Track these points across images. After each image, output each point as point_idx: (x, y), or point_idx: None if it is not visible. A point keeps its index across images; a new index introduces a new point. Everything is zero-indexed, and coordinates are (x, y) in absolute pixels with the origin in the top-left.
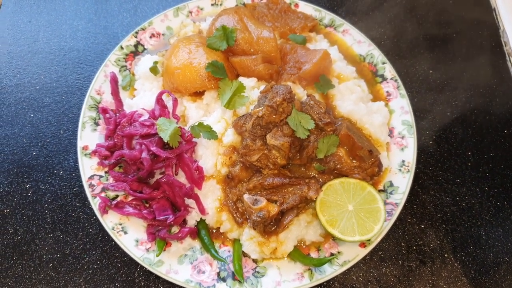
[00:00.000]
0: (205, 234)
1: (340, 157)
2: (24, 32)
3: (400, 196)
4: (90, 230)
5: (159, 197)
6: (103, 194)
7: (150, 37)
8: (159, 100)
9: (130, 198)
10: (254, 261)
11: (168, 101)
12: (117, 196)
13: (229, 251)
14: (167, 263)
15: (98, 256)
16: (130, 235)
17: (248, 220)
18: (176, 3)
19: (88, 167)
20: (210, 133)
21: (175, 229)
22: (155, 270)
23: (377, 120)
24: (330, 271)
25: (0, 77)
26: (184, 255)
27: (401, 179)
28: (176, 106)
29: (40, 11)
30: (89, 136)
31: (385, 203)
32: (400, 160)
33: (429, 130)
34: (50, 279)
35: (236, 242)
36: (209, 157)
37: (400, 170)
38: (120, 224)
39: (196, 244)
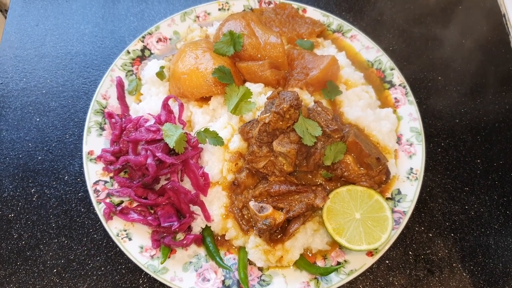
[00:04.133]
0: (210, 241)
1: (347, 164)
2: (31, 35)
3: (408, 204)
4: (95, 236)
5: (164, 203)
6: (108, 200)
7: (157, 41)
8: (165, 105)
9: (135, 204)
10: (260, 269)
11: (174, 106)
12: (122, 202)
13: (234, 259)
14: (171, 271)
15: (103, 262)
16: (134, 241)
17: (254, 228)
18: (183, 8)
19: (93, 172)
20: (216, 139)
21: (180, 236)
22: (159, 277)
23: (385, 127)
24: (336, 280)
25: (7, 80)
26: (189, 262)
27: (409, 187)
28: (182, 111)
29: (47, 15)
30: (95, 141)
31: (393, 211)
32: (408, 168)
33: (437, 137)
34: (54, 285)
35: (242, 249)
36: (215, 163)
37: (408, 177)
38: (125, 231)
39: (201, 251)
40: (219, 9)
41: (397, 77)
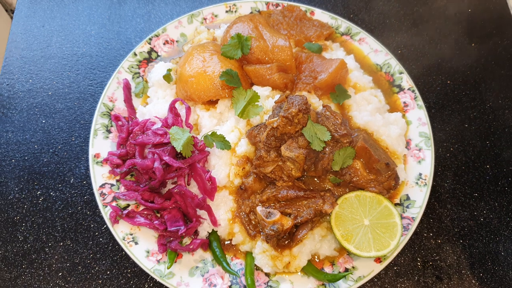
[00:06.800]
0: (217, 246)
1: (356, 169)
2: (37, 37)
3: (417, 210)
4: (101, 240)
5: (170, 207)
6: (114, 203)
7: (164, 43)
8: (172, 108)
9: (141, 208)
10: (267, 275)
11: (181, 109)
12: (128, 205)
13: (241, 264)
14: (178, 275)
15: (108, 266)
16: (140, 245)
17: (261, 233)
18: (190, 10)
19: (100, 175)
20: (223, 143)
21: (186, 241)
22: (165, 282)
23: (394, 131)
24: (344, 287)
25: (13, 82)
26: (195, 267)
27: (418, 193)
28: (189, 114)
29: (53, 16)
30: (101, 144)
31: (402, 217)
32: (417, 173)
33: (446, 142)
34: None
35: (249, 255)
36: (222, 167)
37: (417, 183)
38: (131, 234)
39: (208, 256)
40: (227, 11)
41: (406, 81)
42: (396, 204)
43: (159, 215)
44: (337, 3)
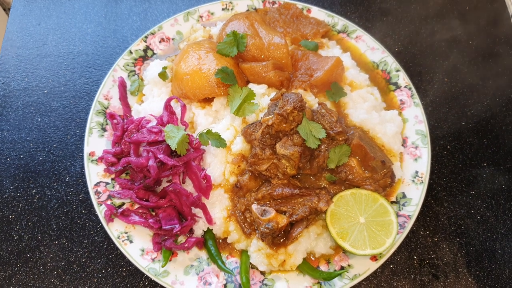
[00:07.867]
0: (212, 245)
1: (351, 167)
2: (33, 35)
3: (413, 208)
4: (96, 238)
5: (165, 205)
6: (109, 202)
7: (160, 41)
8: (167, 106)
9: (136, 206)
10: (262, 273)
11: (176, 107)
12: (123, 204)
13: (236, 263)
14: (173, 274)
15: (103, 264)
16: (135, 244)
17: (256, 231)
18: (186, 7)
19: (95, 174)
20: (219, 141)
21: (181, 239)
22: (160, 280)
23: (390, 129)
24: (340, 285)
25: (8, 80)
26: (190, 265)
27: (414, 191)
28: (184, 112)
29: (49, 14)
30: (96, 142)
31: (398, 215)
32: (414, 171)
33: (443, 140)
34: (54, 287)
35: (244, 253)
36: (217, 165)
37: (413, 181)
38: (126, 233)
39: (203, 254)
40: (223, 9)
41: (403, 78)
42: (392, 202)
43: (154, 213)
44: (334, 0)
